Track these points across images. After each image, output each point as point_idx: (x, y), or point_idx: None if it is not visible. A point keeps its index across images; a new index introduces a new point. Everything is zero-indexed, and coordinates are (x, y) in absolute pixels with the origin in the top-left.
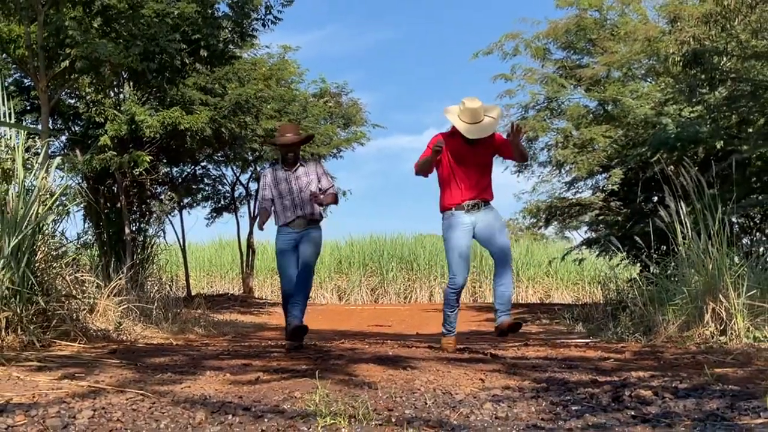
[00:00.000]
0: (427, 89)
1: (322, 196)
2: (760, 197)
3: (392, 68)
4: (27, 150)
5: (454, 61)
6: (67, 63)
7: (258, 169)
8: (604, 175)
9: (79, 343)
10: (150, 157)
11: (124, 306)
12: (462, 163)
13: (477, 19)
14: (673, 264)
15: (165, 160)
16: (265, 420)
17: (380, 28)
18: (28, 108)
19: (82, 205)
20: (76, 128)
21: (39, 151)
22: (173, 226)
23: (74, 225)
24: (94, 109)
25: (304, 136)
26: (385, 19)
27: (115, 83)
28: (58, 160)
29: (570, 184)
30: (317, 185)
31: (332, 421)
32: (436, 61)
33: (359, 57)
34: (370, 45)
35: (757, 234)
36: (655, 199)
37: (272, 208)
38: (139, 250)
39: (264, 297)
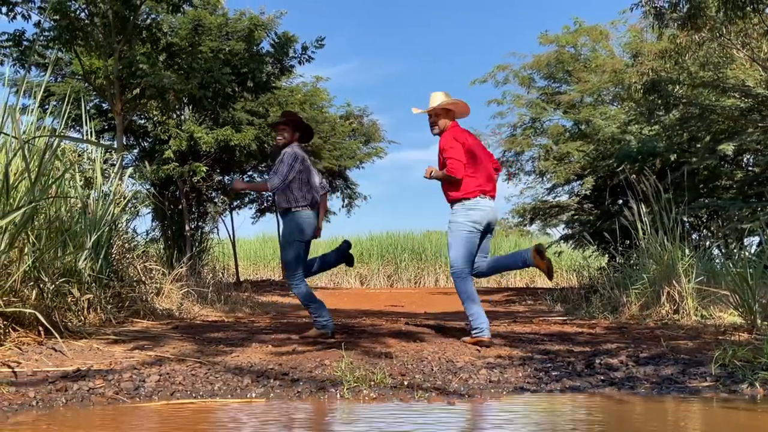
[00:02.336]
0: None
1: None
2: (706, 200)
3: (404, 95)
4: (105, 162)
5: (454, 89)
6: (138, 90)
7: None
8: (578, 182)
9: (147, 321)
10: (206, 168)
11: (185, 290)
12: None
13: (473, 53)
14: (635, 255)
15: (218, 170)
16: (301, 383)
17: (393, 63)
18: (106, 127)
19: (150, 207)
20: (145, 144)
21: (115, 162)
22: (225, 224)
23: (144, 223)
24: (160, 128)
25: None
26: (397, 55)
27: (177, 107)
28: (130, 170)
29: (550, 189)
30: None
31: (356, 385)
32: (439, 88)
33: (377, 85)
34: (386, 76)
35: (704, 231)
36: (621, 202)
37: (288, 189)
38: (197, 244)
39: None
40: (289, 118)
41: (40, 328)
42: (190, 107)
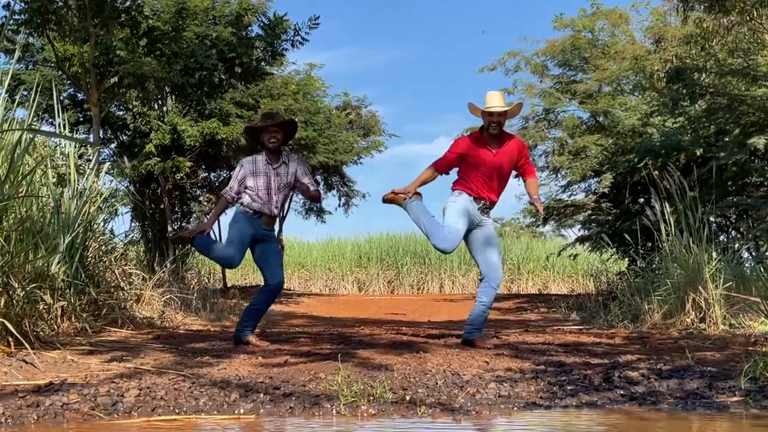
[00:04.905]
0: (436, 102)
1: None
2: (735, 199)
3: (405, 83)
4: (80, 157)
5: (461, 77)
6: (115, 79)
7: None
8: (595, 179)
9: (126, 330)
10: (190, 163)
11: (167, 296)
12: (481, 169)
13: (480, 38)
14: (657, 258)
15: (204, 166)
16: (293, 398)
17: (393, 49)
18: (81, 119)
19: (129, 206)
20: (124, 137)
21: (91, 157)
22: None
23: (123, 224)
24: (140, 120)
25: (286, 119)
26: (398, 41)
27: (158, 97)
28: (107, 165)
29: (565, 187)
30: (292, 183)
31: (353, 400)
32: (444, 76)
33: (377, 73)
34: (385, 63)
35: (733, 232)
36: (642, 200)
37: (236, 198)
38: (180, 247)
39: (292, 288)
40: (278, 121)
41: (9, 339)
42: (173, 97)
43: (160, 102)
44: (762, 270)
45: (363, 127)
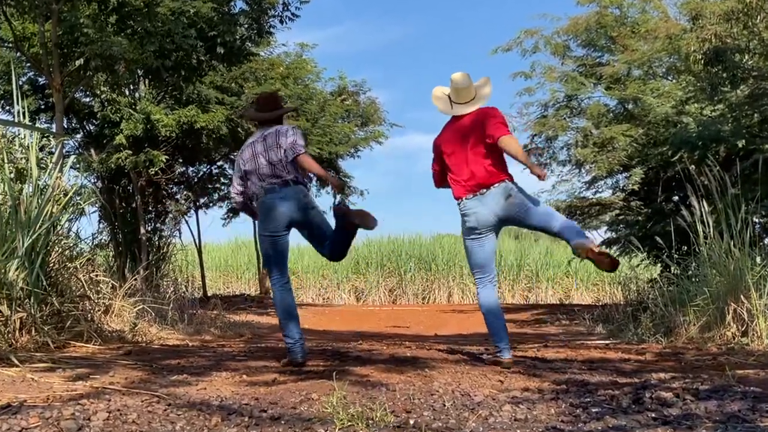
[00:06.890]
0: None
1: None
2: None
3: (409, 65)
4: (41, 149)
5: (472, 58)
6: (81, 61)
7: None
8: (624, 175)
9: (93, 345)
10: (166, 157)
11: (139, 307)
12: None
13: (495, 17)
14: (694, 264)
15: (181, 160)
16: (282, 422)
17: (397, 25)
18: (42, 107)
19: (97, 205)
20: (91, 127)
21: (53, 150)
22: (189, 226)
23: (89, 225)
24: (109, 108)
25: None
26: (402, 16)
27: (130, 81)
28: (72, 159)
29: (590, 183)
30: None
31: (350, 424)
32: (453, 57)
33: (376, 54)
34: (387, 42)
35: None
36: (676, 198)
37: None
38: (154, 251)
39: None
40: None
41: None
42: (146, 82)
43: (131, 87)
44: None
45: (361, 115)
